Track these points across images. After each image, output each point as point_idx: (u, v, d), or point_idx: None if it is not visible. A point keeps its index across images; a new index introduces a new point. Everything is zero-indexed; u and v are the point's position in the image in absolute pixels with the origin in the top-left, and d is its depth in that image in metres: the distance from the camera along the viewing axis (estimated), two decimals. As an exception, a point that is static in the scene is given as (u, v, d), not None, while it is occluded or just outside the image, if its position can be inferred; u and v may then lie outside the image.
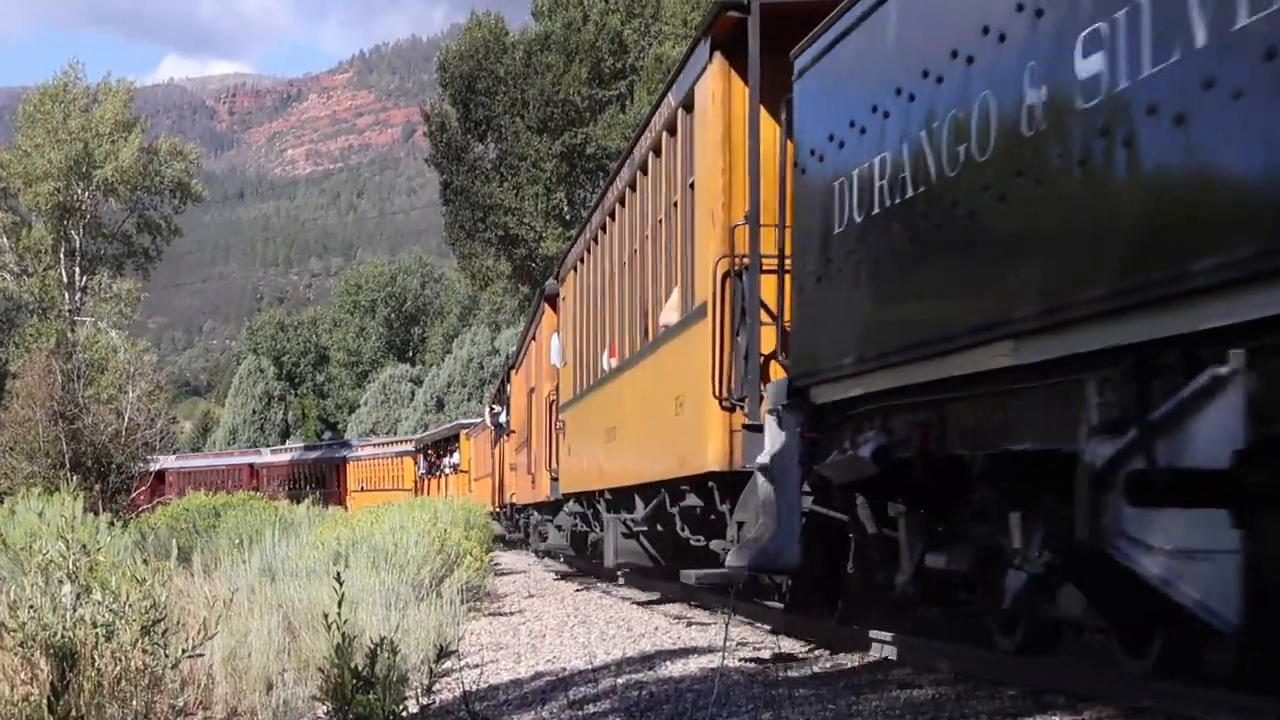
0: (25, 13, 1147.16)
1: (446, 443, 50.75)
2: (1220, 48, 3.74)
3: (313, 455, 66.77)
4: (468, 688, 6.58)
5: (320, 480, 61.85)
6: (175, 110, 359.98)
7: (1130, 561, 4.29)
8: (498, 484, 32.01)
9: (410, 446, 56.85)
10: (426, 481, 51.75)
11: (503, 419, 30.19)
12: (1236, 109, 3.68)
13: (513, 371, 27.55)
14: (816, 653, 8.06)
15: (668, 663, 7.89)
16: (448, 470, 49.06)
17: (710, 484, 9.47)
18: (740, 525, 8.33)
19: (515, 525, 29.22)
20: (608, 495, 13.69)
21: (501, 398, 31.31)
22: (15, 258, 52.67)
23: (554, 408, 18.61)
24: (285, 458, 68.61)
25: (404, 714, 4.84)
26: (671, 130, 10.61)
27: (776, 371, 8.33)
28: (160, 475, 64.34)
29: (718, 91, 9.14)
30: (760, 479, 7.45)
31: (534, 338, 22.59)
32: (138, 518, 24.32)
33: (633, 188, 12.41)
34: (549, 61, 47.24)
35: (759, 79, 8.63)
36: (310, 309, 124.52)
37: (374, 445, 63.51)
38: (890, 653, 7.38)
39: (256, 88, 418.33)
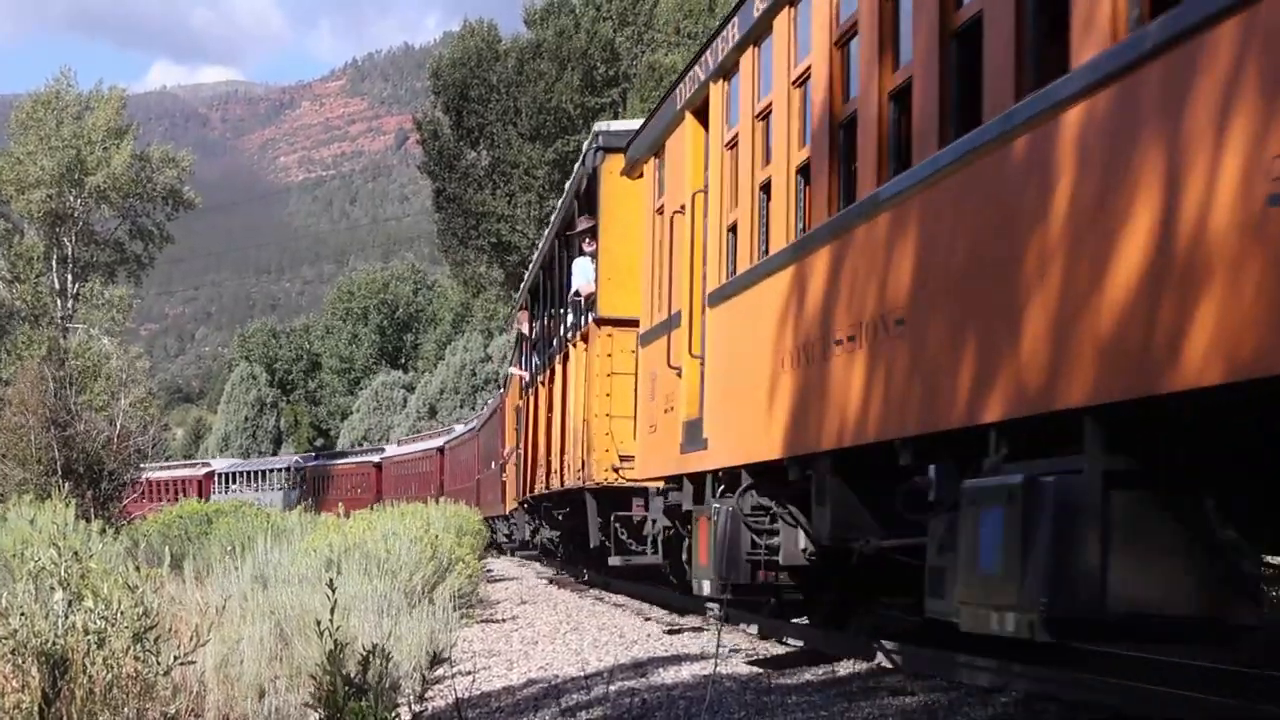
0: (15, 20, 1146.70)
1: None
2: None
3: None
4: (460, 695, 6.57)
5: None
6: (168, 117, 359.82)
7: None
8: None
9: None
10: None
11: None
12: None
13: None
14: (809, 659, 8.06)
15: (660, 670, 7.88)
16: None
17: None
18: None
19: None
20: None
21: None
22: (7, 265, 52.58)
23: None
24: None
25: (396, 721, 4.83)
26: None
27: None
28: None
29: None
30: None
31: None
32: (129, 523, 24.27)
33: None
34: (541, 69, 47.33)
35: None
36: (302, 316, 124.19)
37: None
38: (882, 659, 7.38)
39: (249, 95, 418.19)
